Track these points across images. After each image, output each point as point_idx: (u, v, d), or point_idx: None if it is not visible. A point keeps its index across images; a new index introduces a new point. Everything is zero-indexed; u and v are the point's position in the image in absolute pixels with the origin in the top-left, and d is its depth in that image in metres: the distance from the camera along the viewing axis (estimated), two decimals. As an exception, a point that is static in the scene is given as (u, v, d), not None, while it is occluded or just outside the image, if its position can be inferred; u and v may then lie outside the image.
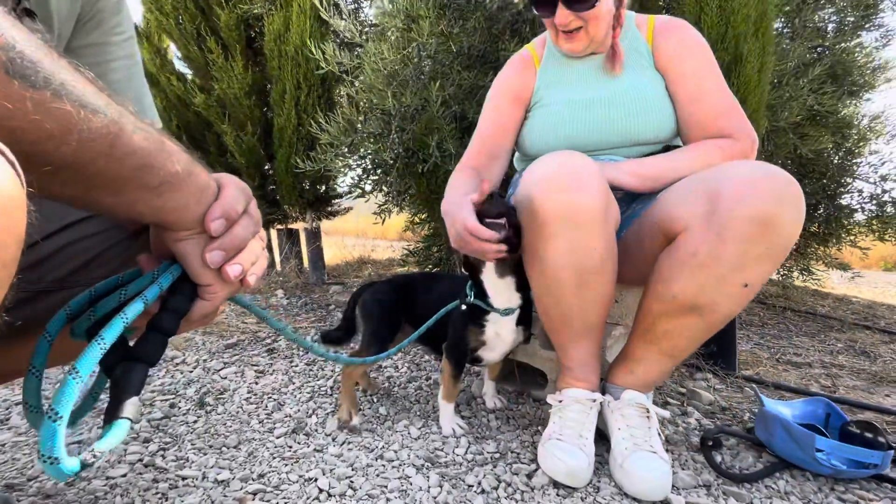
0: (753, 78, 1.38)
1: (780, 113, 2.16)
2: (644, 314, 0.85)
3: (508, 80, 1.16)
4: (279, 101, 3.07)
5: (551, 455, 0.82)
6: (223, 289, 0.49)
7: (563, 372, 0.92)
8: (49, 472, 0.32)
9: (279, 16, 3.01)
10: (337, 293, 2.89)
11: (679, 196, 0.81)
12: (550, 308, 0.84)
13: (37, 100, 0.31)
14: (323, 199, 3.56)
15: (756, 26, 1.36)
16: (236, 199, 0.49)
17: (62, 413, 0.33)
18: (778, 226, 0.69)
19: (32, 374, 0.40)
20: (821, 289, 3.09)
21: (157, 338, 0.43)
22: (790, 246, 0.72)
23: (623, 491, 0.81)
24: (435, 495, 0.78)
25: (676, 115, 1.02)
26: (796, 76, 2.26)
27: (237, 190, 0.50)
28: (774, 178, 0.70)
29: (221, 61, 3.11)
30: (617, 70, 1.05)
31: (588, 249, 0.77)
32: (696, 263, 0.75)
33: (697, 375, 1.45)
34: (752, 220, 0.70)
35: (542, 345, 1.18)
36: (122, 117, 0.38)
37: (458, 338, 1.01)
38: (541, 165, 0.79)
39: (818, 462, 0.85)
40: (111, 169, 0.37)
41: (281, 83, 3.07)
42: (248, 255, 0.50)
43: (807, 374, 1.55)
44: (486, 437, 1.01)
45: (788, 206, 0.69)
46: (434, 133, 1.97)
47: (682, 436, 1.03)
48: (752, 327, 2.14)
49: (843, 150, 2.94)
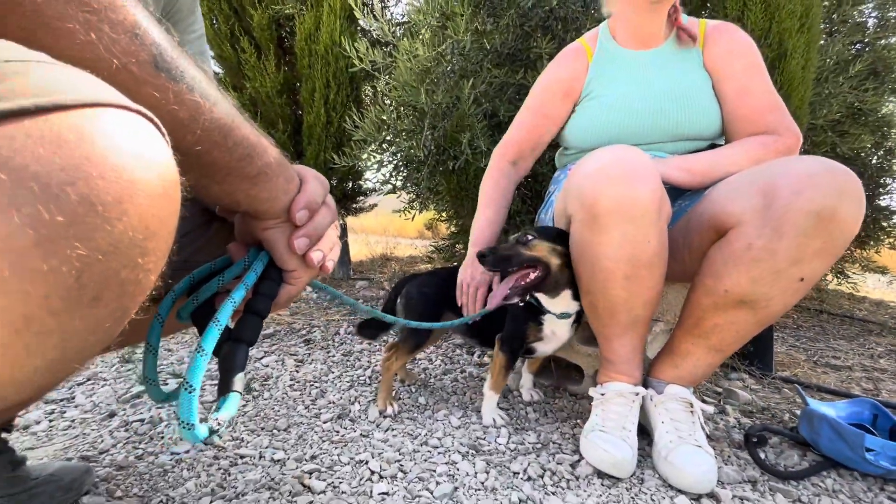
0: (798, 74, 1.35)
1: (819, 110, 2.11)
2: (692, 308, 0.85)
3: (559, 73, 1.17)
4: (309, 99, 3.13)
5: (595, 446, 0.83)
6: (306, 273, 0.52)
7: (606, 365, 0.93)
8: (186, 437, 0.36)
9: (310, 15, 3.06)
10: (364, 288, 2.94)
11: (732, 191, 0.81)
12: (598, 301, 0.85)
13: (176, 91, 0.34)
14: (350, 196, 3.62)
15: (801, 22, 1.33)
16: (316, 191, 0.52)
17: (195, 385, 0.37)
18: (837, 220, 0.69)
19: (150, 352, 0.44)
20: (855, 293, 3.00)
21: (255, 320, 0.46)
22: (849, 241, 0.72)
23: (668, 483, 0.82)
24: (482, 480, 0.81)
25: (723, 112, 1.02)
26: (836, 73, 2.20)
27: (317, 182, 0.53)
28: (834, 172, 0.70)
29: (254, 60, 3.19)
30: (686, 44, 1.06)
31: (642, 243, 0.78)
32: (750, 258, 0.75)
33: (732, 375, 1.43)
34: (811, 213, 0.70)
35: (580, 340, 1.19)
36: (232, 110, 0.42)
37: (516, 330, 1.03)
38: (595, 158, 0.81)
39: (867, 461, 0.84)
40: (221, 157, 0.41)
41: (311, 81, 3.12)
42: (327, 242, 0.53)
43: (847, 377, 1.52)
44: (525, 429, 1.03)
45: (848, 200, 0.69)
46: (465, 130, 1.99)
47: (722, 432, 1.02)
48: (787, 329, 2.10)
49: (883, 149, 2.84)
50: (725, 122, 1.03)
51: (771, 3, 1.32)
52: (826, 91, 2.13)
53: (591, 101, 1.13)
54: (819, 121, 2.12)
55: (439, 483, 0.79)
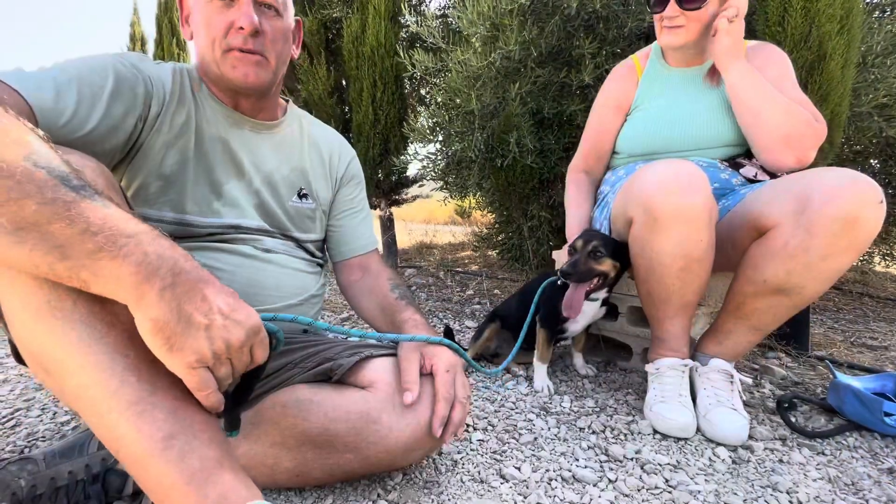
0: (837, 74, 1.44)
1: (864, 96, 2.12)
2: (734, 294, 1.02)
3: (611, 91, 1.36)
4: (357, 99, 3.32)
5: (662, 417, 1.01)
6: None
7: (658, 343, 1.10)
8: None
9: (356, 18, 3.21)
10: (413, 275, 3.17)
11: (770, 196, 0.97)
12: (654, 289, 1.03)
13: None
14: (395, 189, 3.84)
15: (841, 24, 1.42)
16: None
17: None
18: (860, 224, 0.84)
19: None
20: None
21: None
22: (871, 240, 0.86)
23: (706, 437, 1.00)
24: (556, 433, 1.01)
25: None
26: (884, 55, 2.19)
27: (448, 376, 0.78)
28: (858, 184, 0.85)
29: (307, 65, 3.42)
30: (715, 83, 1.21)
31: (696, 241, 0.95)
32: (786, 254, 0.91)
33: (770, 354, 1.57)
34: (838, 219, 0.85)
35: (629, 322, 1.37)
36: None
37: (552, 308, 1.24)
38: (656, 170, 0.97)
39: (886, 424, 0.99)
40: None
41: (358, 82, 3.30)
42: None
43: (882, 356, 1.62)
44: (584, 396, 1.22)
45: (870, 208, 0.84)
46: (513, 130, 2.14)
47: (758, 401, 1.19)
48: (827, 312, 2.19)
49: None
50: None
51: (811, 9, 1.40)
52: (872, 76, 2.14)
53: (641, 112, 1.29)
54: (863, 107, 2.13)
55: (521, 434, 1.00)
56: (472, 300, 2.39)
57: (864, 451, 0.96)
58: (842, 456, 0.94)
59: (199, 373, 0.49)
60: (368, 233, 1.08)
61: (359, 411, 0.72)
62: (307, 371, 0.79)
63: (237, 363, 0.52)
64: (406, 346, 0.80)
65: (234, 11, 0.78)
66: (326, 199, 1.01)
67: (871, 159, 2.63)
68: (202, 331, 0.48)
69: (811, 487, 0.82)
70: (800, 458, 0.92)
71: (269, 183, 0.91)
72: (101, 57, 0.74)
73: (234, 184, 0.87)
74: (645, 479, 0.84)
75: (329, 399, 0.74)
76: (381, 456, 0.73)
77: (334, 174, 1.03)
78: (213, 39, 0.79)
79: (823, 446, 0.98)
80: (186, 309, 0.47)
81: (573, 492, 0.80)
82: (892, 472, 0.89)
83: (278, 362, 0.82)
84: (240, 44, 0.79)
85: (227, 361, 0.51)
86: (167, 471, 0.47)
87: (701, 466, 0.89)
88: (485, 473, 0.85)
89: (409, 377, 0.74)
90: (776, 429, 1.05)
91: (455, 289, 2.64)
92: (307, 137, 1.00)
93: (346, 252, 1.05)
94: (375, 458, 0.73)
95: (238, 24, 0.77)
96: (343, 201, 1.05)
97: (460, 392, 0.76)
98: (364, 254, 1.06)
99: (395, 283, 1.00)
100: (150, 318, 0.46)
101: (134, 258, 0.46)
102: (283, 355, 0.83)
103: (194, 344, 0.47)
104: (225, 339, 0.49)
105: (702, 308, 1.29)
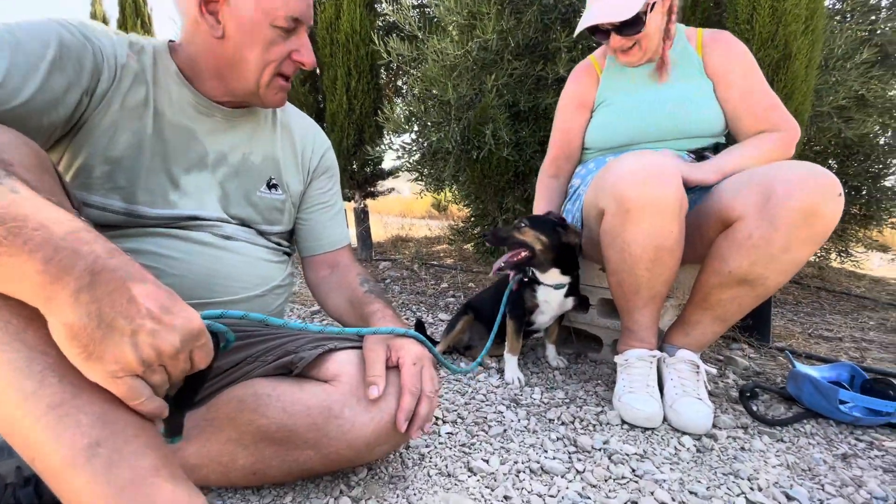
0: (801, 73, 1.48)
1: (825, 98, 2.20)
2: (701, 286, 1.03)
3: (572, 91, 1.36)
4: (331, 88, 3.23)
5: (629, 407, 1.01)
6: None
7: (627, 334, 1.11)
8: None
9: (330, 4, 3.12)
10: (388, 268, 3.13)
11: (736, 190, 0.98)
12: (624, 280, 1.03)
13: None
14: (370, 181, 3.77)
15: (806, 24, 1.45)
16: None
17: None
18: (820, 216, 0.86)
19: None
20: (857, 270, 3.15)
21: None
22: (829, 232, 0.89)
23: (672, 426, 1.01)
24: (525, 425, 1.00)
25: (728, 112, 1.18)
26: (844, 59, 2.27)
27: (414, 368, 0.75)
28: (818, 177, 0.87)
29: (278, 50, 3.30)
30: (663, 78, 1.22)
31: (667, 232, 0.95)
32: (750, 245, 0.92)
33: (734, 345, 1.62)
34: (799, 210, 0.87)
35: (600, 314, 1.37)
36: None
37: (518, 299, 1.27)
38: (628, 162, 0.97)
39: (841, 411, 1.02)
40: None
41: (332, 70, 3.21)
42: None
43: (837, 347, 1.70)
44: (555, 388, 1.22)
45: (830, 201, 0.86)
46: (489, 122, 2.12)
47: (722, 391, 1.21)
48: (787, 305, 2.27)
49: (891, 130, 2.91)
50: (731, 119, 1.19)
51: (778, 8, 1.44)
52: (833, 79, 2.21)
53: (605, 108, 1.30)
54: (825, 108, 2.21)
55: (491, 426, 0.99)
56: (447, 293, 2.37)
57: (821, 438, 0.99)
58: (799, 443, 0.97)
59: (126, 382, 0.44)
60: (340, 229, 1.03)
61: (320, 405, 0.69)
62: (267, 364, 0.75)
63: (173, 370, 0.48)
64: (372, 339, 0.77)
65: (295, 41, 0.78)
66: (297, 191, 0.96)
67: (829, 159, 2.74)
68: (126, 337, 0.43)
69: (771, 474, 0.84)
70: (760, 445, 0.94)
71: (236, 175, 0.86)
72: (46, 22, 0.67)
73: (195, 175, 0.81)
74: (612, 469, 0.84)
75: (289, 393, 0.70)
76: (344, 452, 0.70)
77: (307, 165, 0.98)
78: (266, 64, 0.77)
79: (783, 433, 1.01)
80: (107, 312, 0.42)
81: (541, 483, 0.79)
82: (845, 457, 0.92)
83: (236, 356, 0.77)
84: (290, 73, 0.80)
85: (160, 369, 0.46)
86: (91, 483, 0.42)
87: (667, 455, 0.90)
88: (452, 467, 0.83)
89: (374, 370, 0.71)
90: (738, 417, 1.07)
91: (430, 282, 2.62)
92: (280, 125, 0.95)
93: (316, 248, 1.00)
94: (337, 455, 0.70)
95: (300, 59, 0.79)
96: (315, 195, 1.00)
97: (427, 385, 0.74)
98: (334, 250, 1.01)
99: (365, 278, 0.97)
100: (64, 323, 0.41)
101: (41, 254, 0.40)
102: (243, 349, 0.79)
103: (116, 352, 0.42)
104: (154, 346, 0.44)
105: (670, 300, 1.30)
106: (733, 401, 1.15)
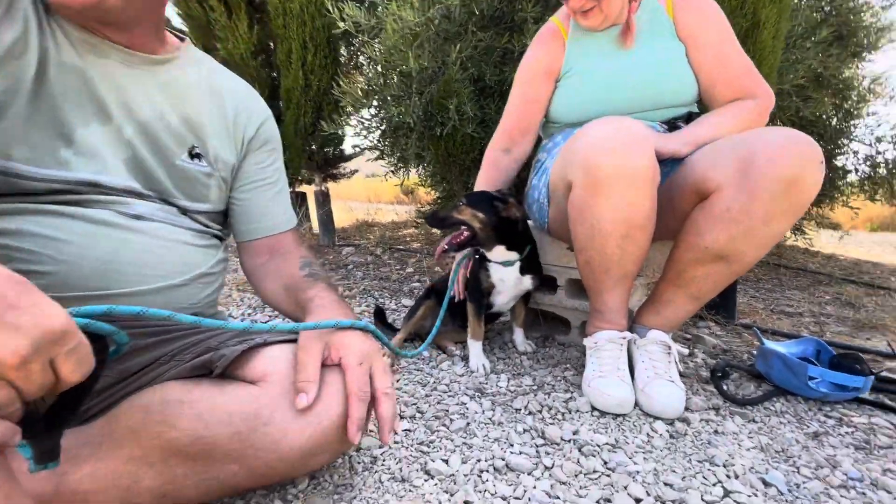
0: (769, 43, 1.44)
1: (785, 76, 2.21)
2: (675, 262, 0.97)
3: (537, 56, 1.23)
4: (285, 62, 3.02)
5: (600, 392, 0.95)
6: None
7: (595, 316, 1.04)
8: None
9: (282, -30, 2.89)
10: (351, 254, 2.99)
11: (712, 159, 0.91)
12: (593, 258, 0.96)
13: None
14: (331, 162, 3.58)
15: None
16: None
17: None
18: (801, 185, 0.81)
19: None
20: (811, 248, 3.26)
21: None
22: (809, 202, 0.84)
23: (644, 411, 0.96)
24: (490, 416, 0.92)
25: (701, 78, 1.11)
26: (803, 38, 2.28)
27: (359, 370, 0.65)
28: (800, 144, 0.81)
29: (225, 20, 3.04)
30: (629, 44, 1.14)
31: (638, 206, 0.87)
32: (728, 218, 0.86)
33: (701, 324, 1.60)
34: (781, 180, 0.81)
35: (568, 294, 1.31)
36: None
37: (474, 281, 1.20)
38: (596, 129, 0.88)
39: (810, 388, 1.00)
40: None
41: (286, 42, 3.00)
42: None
43: (798, 322, 1.71)
44: (522, 374, 1.15)
45: (811, 169, 0.80)
46: (452, 96, 2.00)
47: (692, 371, 1.18)
48: (749, 282, 2.31)
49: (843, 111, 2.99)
50: (703, 87, 1.12)
51: (748, -26, 1.38)
52: (793, 57, 2.22)
53: (573, 77, 1.19)
54: (785, 86, 2.22)
55: (453, 420, 0.90)
56: (412, 278, 2.27)
57: (791, 416, 0.97)
58: (771, 422, 0.94)
59: None
60: (282, 210, 0.90)
61: (244, 412, 0.58)
62: (183, 364, 0.63)
63: (25, 385, 0.36)
64: (306, 335, 0.66)
65: None
66: (228, 164, 0.81)
67: (788, 138, 2.77)
68: None
69: (745, 458, 0.80)
70: (733, 427, 0.90)
71: (147, 133, 0.71)
72: None
73: (95, 129, 0.67)
74: (583, 462, 0.77)
75: (206, 398, 0.59)
76: (276, 465, 0.59)
77: (240, 134, 0.84)
78: None
79: (754, 413, 0.97)
80: None
81: (506, 483, 0.72)
82: (817, 435, 0.89)
83: (145, 357, 0.65)
84: None
85: (2, 384, 0.35)
86: None
87: (639, 444, 0.84)
88: (407, 470, 0.74)
89: (305, 374, 0.61)
90: (710, 398, 1.03)
91: (394, 266, 2.51)
92: (208, 85, 0.80)
93: (254, 231, 0.87)
94: (268, 468, 0.59)
95: None
96: (252, 170, 0.86)
97: (380, 384, 0.64)
98: (275, 234, 0.88)
99: (308, 261, 0.85)
100: None
101: None
102: (155, 347, 0.66)
103: None
104: None
105: (640, 278, 1.25)
106: (704, 381, 1.12)
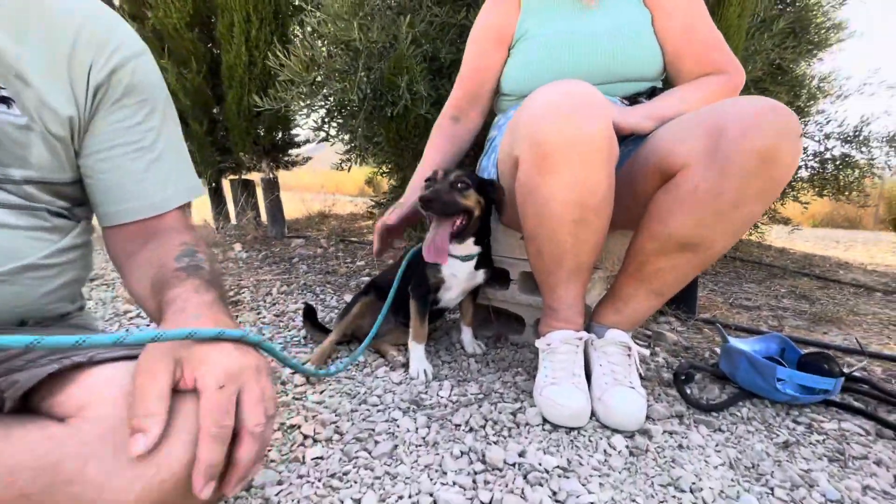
0: (735, 21, 1.36)
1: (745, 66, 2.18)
2: (636, 253, 0.85)
3: (489, 20, 1.10)
4: (227, 36, 2.76)
5: (551, 402, 0.82)
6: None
7: (549, 314, 0.91)
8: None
9: (222, -68, 2.63)
10: (300, 247, 2.77)
11: (678, 133, 0.79)
12: (544, 246, 0.82)
13: None
14: (280, 147, 3.33)
15: (740, -32, 1.33)
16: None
17: None
18: (778, 160, 0.69)
19: None
20: (762, 241, 3.32)
21: None
22: (786, 181, 0.73)
23: (601, 422, 0.84)
24: (423, 436, 0.78)
25: (667, 48, 1.00)
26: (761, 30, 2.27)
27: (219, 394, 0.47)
28: (777, 112, 0.69)
29: (155, -15, 2.73)
30: (592, 3, 1.01)
31: (592, 185, 0.74)
32: (695, 200, 0.74)
33: (661, 319, 1.52)
34: (755, 153, 0.69)
35: (521, 289, 1.18)
36: None
37: (421, 276, 1.04)
38: (544, 94, 0.74)
39: (777, 390, 0.91)
40: None
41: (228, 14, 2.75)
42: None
43: (757, 315, 1.67)
44: (468, 380, 1.01)
45: (789, 141, 0.69)
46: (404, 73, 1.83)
47: (653, 372, 1.07)
48: (707, 275, 2.27)
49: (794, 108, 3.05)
50: (669, 59, 1.01)
51: (714, -55, 1.29)
52: (752, 47, 2.20)
53: (527, 42, 1.06)
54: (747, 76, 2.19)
55: (378, 442, 0.75)
56: (362, 272, 2.09)
57: (759, 423, 0.87)
58: (738, 431, 0.84)
59: None
60: (160, 185, 0.67)
61: (37, 464, 0.40)
62: None
63: None
64: (151, 351, 0.48)
65: None
66: (60, 115, 0.58)
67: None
68: None
69: (714, 479, 0.69)
70: (699, 439, 0.80)
71: None
72: None
73: None
74: (528, 493, 0.64)
75: None
76: None
77: (83, 76, 0.60)
78: None
79: (720, 421, 0.87)
80: None
81: (431, 528, 0.57)
82: (787, 445, 0.80)
83: None
84: None
85: None
86: None
87: (595, 465, 0.71)
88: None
89: (143, 406, 0.43)
90: (673, 404, 0.93)
91: (344, 259, 2.32)
92: (30, 4, 0.59)
93: (122, 213, 0.65)
94: None
95: None
96: (109, 130, 0.63)
97: (250, 416, 0.47)
98: (152, 217, 0.66)
99: (189, 249, 0.64)
100: None
101: None
102: None
103: None
104: None
105: (598, 271, 1.14)
106: (666, 384, 1.01)
